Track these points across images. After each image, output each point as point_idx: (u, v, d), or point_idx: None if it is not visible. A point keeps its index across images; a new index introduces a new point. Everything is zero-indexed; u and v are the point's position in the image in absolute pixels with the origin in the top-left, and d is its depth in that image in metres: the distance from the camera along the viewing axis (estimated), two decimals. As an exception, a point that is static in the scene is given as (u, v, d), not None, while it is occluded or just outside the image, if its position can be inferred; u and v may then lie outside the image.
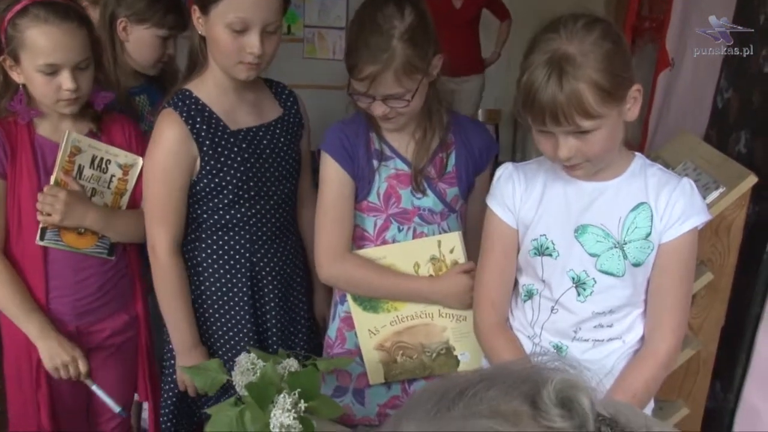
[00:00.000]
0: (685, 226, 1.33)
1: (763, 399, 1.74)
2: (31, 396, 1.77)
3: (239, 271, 1.75)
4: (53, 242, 1.71)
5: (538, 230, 1.41)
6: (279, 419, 1.30)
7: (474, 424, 0.60)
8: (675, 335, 1.38)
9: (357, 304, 1.68)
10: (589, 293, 1.38)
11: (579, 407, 0.61)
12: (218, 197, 1.69)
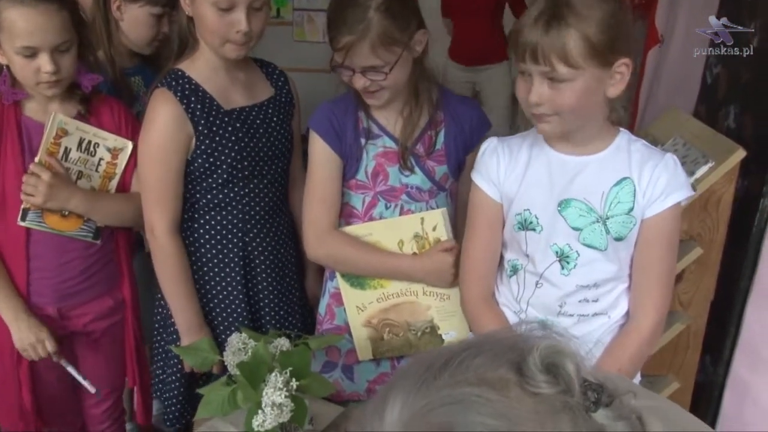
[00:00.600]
0: (668, 201, 1.33)
1: (751, 371, 1.76)
2: (12, 372, 1.77)
3: (231, 250, 1.75)
4: (35, 224, 1.69)
5: (521, 204, 1.41)
6: (271, 398, 1.31)
7: (461, 392, 0.60)
8: (658, 310, 1.39)
9: (345, 281, 1.69)
10: (573, 266, 1.39)
11: (564, 373, 0.61)
12: (212, 177, 1.69)
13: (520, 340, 0.64)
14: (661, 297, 1.38)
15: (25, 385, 1.78)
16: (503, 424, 0.58)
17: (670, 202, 1.34)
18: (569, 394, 0.61)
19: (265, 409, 1.30)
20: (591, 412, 0.61)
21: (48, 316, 1.76)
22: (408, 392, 0.62)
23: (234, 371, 1.41)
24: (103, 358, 1.91)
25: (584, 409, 0.61)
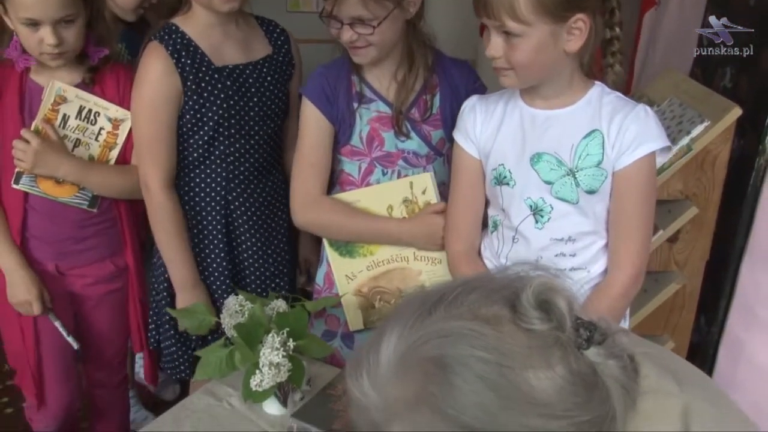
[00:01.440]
0: (638, 152, 1.32)
1: (745, 329, 1.77)
2: (16, 322, 1.80)
3: (214, 208, 1.74)
4: (28, 187, 1.71)
5: (496, 159, 1.43)
6: (268, 358, 1.32)
7: (453, 325, 0.61)
8: (633, 264, 1.38)
9: (333, 249, 1.68)
10: (547, 220, 1.40)
11: (556, 309, 0.62)
12: (199, 133, 1.69)
13: (515, 278, 0.65)
14: (636, 250, 1.37)
15: (28, 335, 1.80)
16: (495, 357, 0.59)
17: (641, 153, 1.32)
18: (561, 331, 0.62)
19: (262, 369, 1.31)
20: (583, 350, 0.62)
21: (47, 272, 1.78)
22: (403, 327, 0.63)
23: (231, 333, 1.42)
24: (103, 323, 1.93)
25: (576, 346, 0.62)
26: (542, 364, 0.60)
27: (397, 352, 0.62)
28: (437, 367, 0.60)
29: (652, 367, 0.72)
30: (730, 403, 0.78)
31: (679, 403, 0.70)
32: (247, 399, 1.38)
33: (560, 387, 0.60)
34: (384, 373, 0.63)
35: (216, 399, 1.48)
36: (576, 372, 0.61)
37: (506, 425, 0.58)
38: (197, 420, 1.41)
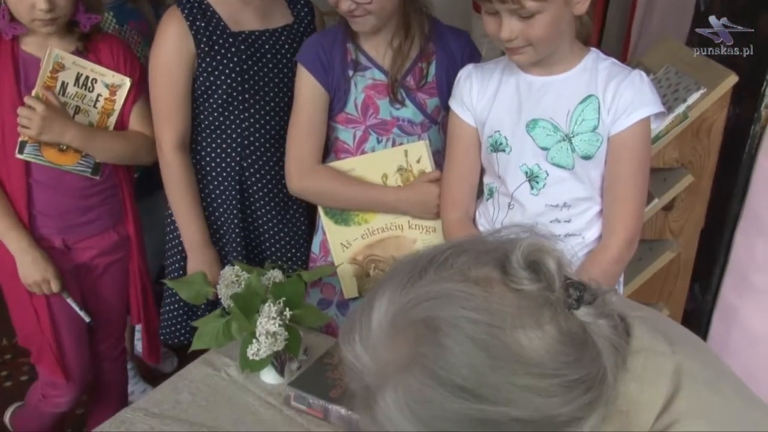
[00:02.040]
0: (633, 117, 1.33)
1: (738, 296, 1.78)
2: (27, 303, 1.80)
3: (229, 174, 1.76)
4: (33, 156, 1.70)
5: (492, 127, 1.43)
6: (264, 327, 1.32)
7: (444, 287, 0.61)
8: (626, 229, 1.38)
9: (329, 218, 1.69)
10: (542, 186, 1.41)
11: (545, 269, 0.62)
12: (212, 98, 1.70)
13: (505, 240, 0.65)
14: (629, 215, 1.38)
15: (43, 315, 1.81)
16: (485, 318, 0.59)
17: (636, 118, 1.33)
18: (551, 291, 0.62)
19: (259, 338, 1.32)
20: (573, 310, 0.63)
21: (54, 248, 1.79)
22: (394, 290, 0.64)
23: (227, 303, 1.42)
24: (107, 294, 1.94)
25: (566, 306, 0.63)
26: (532, 323, 0.60)
27: (389, 316, 0.63)
28: (428, 328, 0.60)
29: (644, 328, 0.73)
30: (722, 365, 0.79)
31: (670, 363, 0.70)
32: (245, 369, 1.39)
33: (550, 346, 0.60)
34: (376, 336, 0.63)
35: (214, 369, 1.49)
36: (566, 331, 0.62)
37: (497, 385, 0.59)
38: (195, 389, 1.43)
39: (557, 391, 0.60)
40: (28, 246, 1.73)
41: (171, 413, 1.35)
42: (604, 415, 0.65)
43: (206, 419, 1.34)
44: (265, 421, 1.34)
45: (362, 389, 0.65)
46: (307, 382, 1.38)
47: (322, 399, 1.34)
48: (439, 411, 0.60)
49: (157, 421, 1.33)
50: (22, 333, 1.90)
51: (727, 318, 1.82)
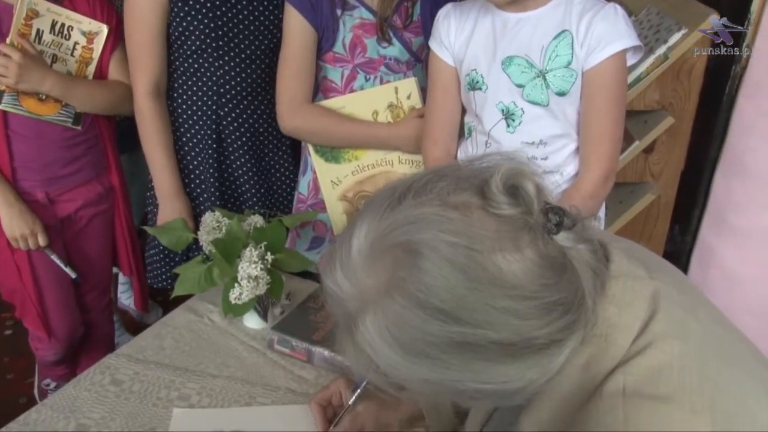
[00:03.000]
0: (607, 51, 1.31)
1: (716, 236, 1.80)
2: (9, 258, 1.79)
3: (205, 122, 1.74)
4: (11, 106, 1.67)
5: (469, 65, 1.43)
6: (246, 271, 1.32)
7: (421, 212, 0.61)
8: (600, 164, 1.38)
9: (319, 156, 1.70)
10: (518, 124, 1.41)
11: (525, 193, 0.62)
12: (186, 44, 1.67)
13: (485, 167, 0.65)
14: (604, 150, 1.37)
15: (25, 271, 1.80)
16: (463, 241, 0.59)
17: (610, 52, 1.31)
18: (530, 215, 0.62)
19: (241, 282, 1.32)
20: (552, 234, 0.63)
21: (37, 202, 1.77)
22: (373, 217, 0.63)
23: (208, 249, 1.42)
24: (91, 246, 1.93)
25: (546, 230, 0.62)
26: (511, 247, 0.60)
27: (368, 241, 0.63)
28: (406, 252, 0.60)
29: (623, 255, 0.73)
30: (698, 292, 0.79)
31: (648, 288, 0.70)
32: (227, 314, 1.39)
33: (529, 269, 0.60)
34: (356, 262, 0.63)
35: (196, 315, 1.49)
36: (545, 255, 0.62)
37: (475, 307, 0.59)
38: (178, 336, 1.43)
39: (536, 313, 0.61)
40: (14, 199, 1.71)
41: (155, 359, 1.36)
42: (583, 338, 0.66)
43: (190, 364, 1.35)
44: (249, 365, 1.35)
45: (343, 316, 0.65)
46: (290, 326, 1.39)
47: (306, 342, 1.34)
48: (419, 334, 0.60)
49: (141, 366, 1.33)
50: (5, 288, 1.89)
51: (704, 258, 1.84)
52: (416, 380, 0.64)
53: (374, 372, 0.65)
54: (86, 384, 1.28)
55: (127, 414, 1.22)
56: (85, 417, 1.20)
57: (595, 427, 0.64)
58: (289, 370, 1.34)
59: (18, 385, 2.34)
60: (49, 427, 1.18)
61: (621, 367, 0.66)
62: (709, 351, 0.69)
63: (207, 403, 1.25)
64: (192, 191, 1.80)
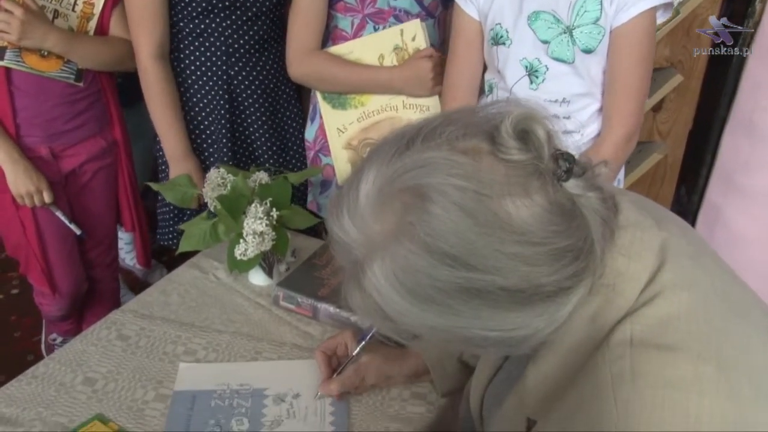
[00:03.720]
0: (637, 7, 1.29)
1: (723, 195, 1.79)
2: (13, 215, 1.79)
3: (216, 83, 1.73)
4: (14, 63, 1.66)
5: (494, 19, 1.41)
6: (252, 227, 1.32)
7: (430, 156, 0.60)
8: (624, 124, 1.37)
9: (326, 102, 1.71)
10: (541, 81, 1.39)
11: (535, 138, 0.61)
12: (191, 5, 1.65)
13: (496, 112, 0.63)
14: (629, 111, 1.36)
15: (29, 227, 1.81)
16: (472, 185, 0.58)
17: (640, 9, 1.29)
18: (540, 161, 0.61)
19: (246, 237, 1.32)
20: (562, 181, 0.62)
21: (41, 158, 1.77)
22: (381, 162, 0.62)
23: (213, 206, 1.41)
24: (95, 201, 1.94)
25: (556, 177, 0.62)
26: (520, 192, 0.59)
27: (375, 186, 0.62)
28: (415, 196, 0.59)
29: (632, 206, 0.72)
30: (706, 244, 0.79)
31: (657, 239, 0.70)
32: (233, 270, 1.39)
33: (538, 215, 0.60)
34: (363, 208, 0.62)
35: (202, 272, 1.49)
36: (554, 201, 0.61)
37: (484, 252, 0.58)
38: (184, 292, 1.43)
39: (545, 260, 0.60)
40: (19, 156, 1.71)
41: (160, 314, 1.36)
42: (591, 288, 0.65)
43: (196, 320, 1.35)
44: (254, 321, 1.36)
45: (350, 263, 0.65)
46: (296, 282, 1.39)
47: (311, 298, 1.35)
48: (427, 279, 0.60)
49: (147, 321, 1.33)
50: (9, 243, 1.90)
51: (711, 218, 1.83)
52: (423, 327, 0.64)
53: (381, 319, 0.65)
54: (93, 339, 1.29)
55: (133, 368, 1.22)
56: (92, 371, 1.21)
57: (602, 376, 0.64)
58: (294, 326, 1.34)
59: (25, 343, 2.37)
60: (57, 380, 1.18)
61: (628, 317, 0.66)
62: (717, 301, 0.69)
63: (213, 358, 1.26)
64: (203, 151, 1.79)
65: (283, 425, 1.11)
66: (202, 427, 1.10)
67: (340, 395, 1.15)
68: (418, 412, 1.15)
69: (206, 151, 1.80)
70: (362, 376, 1.15)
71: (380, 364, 1.15)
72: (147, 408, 1.14)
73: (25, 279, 2.48)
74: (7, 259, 2.69)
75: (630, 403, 0.61)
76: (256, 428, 1.10)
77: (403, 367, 1.16)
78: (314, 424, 1.11)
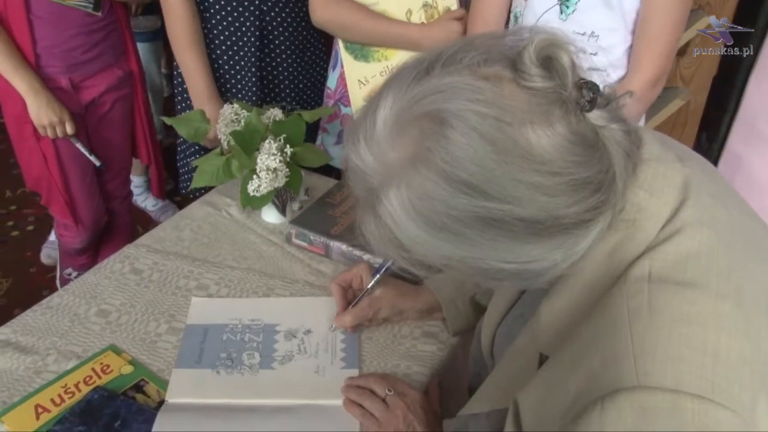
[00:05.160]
0: None
1: (745, 143, 1.75)
2: (35, 146, 1.80)
3: (248, 18, 1.69)
4: None
5: None
6: (265, 163, 1.31)
7: (450, 80, 0.58)
8: (654, 66, 1.33)
9: (348, 53, 1.65)
10: (572, 11, 1.35)
11: (559, 65, 0.59)
12: None
13: (519, 39, 0.61)
14: (660, 52, 1.32)
15: (51, 159, 1.82)
16: (493, 111, 0.57)
17: None
18: (563, 89, 0.59)
19: (260, 173, 1.31)
20: (585, 111, 0.60)
21: (61, 89, 1.77)
22: (399, 87, 0.61)
23: (227, 142, 1.40)
24: (113, 132, 1.95)
25: (579, 107, 0.60)
26: (542, 121, 0.58)
27: (393, 113, 0.60)
28: (433, 122, 0.58)
29: (655, 141, 0.71)
30: (727, 183, 0.77)
31: (679, 175, 0.68)
32: (246, 206, 1.39)
33: (559, 145, 0.58)
34: (380, 134, 0.61)
35: (215, 209, 1.49)
36: (576, 131, 0.59)
37: (502, 181, 0.57)
38: (197, 228, 1.43)
39: (564, 190, 0.58)
40: (41, 86, 1.71)
41: (174, 249, 1.36)
42: (610, 222, 0.64)
43: (209, 255, 1.35)
44: (267, 258, 1.36)
45: (366, 191, 0.63)
46: (309, 220, 1.38)
47: (324, 236, 1.34)
48: (443, 208, 0.59)
49: (160, 256, 1.34)
50: (30, 176, 1.90)
51: (731, 165, 1.80)
52: (438, 257, 0.63)
53: (396, 249, 0.64)
54: (106, 272, 1.29)
55: (146, 301, 1.23)
56: (106, 303, 1.22)
57: (618, 310, 0.63)
58: (306, 263, 1.34)
59: (40, 279, 2.40)
60: (71, 311, 1.19)
61: (647, 253, 0.65)
62: (738, 240, 0.67)
63: (225, 293, 1.26)
64: (227, 91, 1.77)
65: (294, 360, 1.12)
66: (213, 360, 1.11)
67: (354, 327, 1.16)
68: (429, 351, 1.16)
69: (230, 90, 1.77)
70: (376, 309, 1.15)
71: (394, 298, 1.15)
72: (159, 340, 1.15)
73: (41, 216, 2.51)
74: (23, 194, 2.72)
75: (646, 337, 0.60)
76: (267, 363, 1.11)
77: (416, 303, 1.16)
78: (325, 360, 1.12)
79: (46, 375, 1.08)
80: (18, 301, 2.21)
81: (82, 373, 1.08)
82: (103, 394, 1.04)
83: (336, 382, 1.07)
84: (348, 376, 1.08)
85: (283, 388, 1.07)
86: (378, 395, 1.03)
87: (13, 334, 1.15)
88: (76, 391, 1.05)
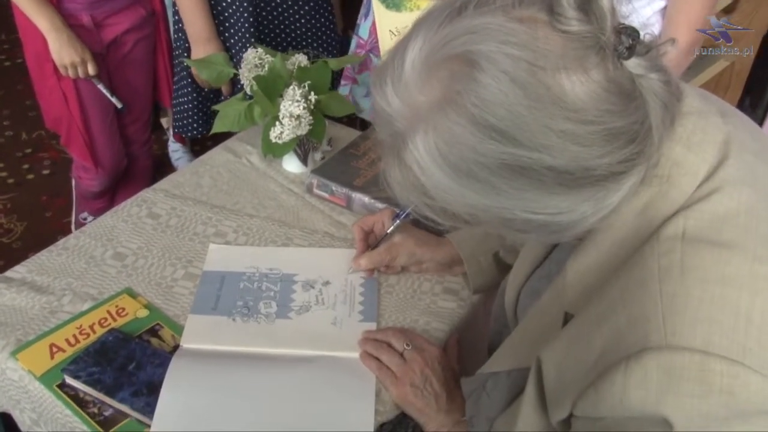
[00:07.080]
0: None
1: (793, 108, 1.67)
2: (55, 85, 1.77)
3: None
4: None
5: None
6: (288, 109, 1.27)
7: (483, 21, 0.54)
8: (690, 29, 1.27)
9: (380, 1, 1.59)
10: None
11: (597, 9, 0.55)
12: None
13: None
14: (696, 14, 1.27)
15: (71, 97, 1.79)
16: (526, 55, 0.53)
17: None
18: (601, 33, 0.54)
19: (282, 120, 1.27)
20: (623, 59, 0.56)
21: (83, 26, 1.74)
22: (429, 28, 0.57)
23: (250, 88, 1.36)
24: (135, 74, 1.92)
25: (617, 54, 0.55)
26: (577, 67, 0.54)
27: (423, 54, 0.56)
28: (463, 63, 0.54)
29: (696, 94, 0.66)
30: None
31: (720, 132, 0.64)
32: (267, 153, 1.35)
33: (594, 92, 0.54)
34: (408, 76, 0.57)
35: (235, 156, 1.46)
36: (612, 79, 0.55)
37: (533, 128, 0.53)
38: (216, 174, 1.40)
39: (597, 140, 0.55)
40: (62, 24, 1.68)
41: (192, 195, 1.34)
42: (644, 177, 0.60)
43: (227, 202, 1.33)
44: (287, 207, 1.33)
45: (391, 135, 0.60)
46: (331, 171, 1.34)
47: (346, 187, 1.30)
48: (470, 153, 0.55)
49: (178, 201, 1.31)
50: (50, 116, 1.89)
51: (775, 131, 1.72)
52: (463, 205, 0.59)
53: (420, 195, 0.60)
54: (123, 215, 1.27)
55: (163, 246, 1.21)
56: (122, 246, 1.20)
57: (648, 269, 0.60)
58: (327, 214, 1.31)
59: (56, 223, 2.39)
60: (87, 253, 1.18)
61: (682, 211, 0.61)
62: None
63: (243, 241, 1.24)
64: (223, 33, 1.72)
65: (311, 311, 1.10)
66: (229, 308, 1.09)
67: (370, 272, 1.14)
68: (449, 308, 1.12)
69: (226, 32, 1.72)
70: (393, 255, 1.13)
71: (413, 246, 1.12)
72: (176, 285, 1.14)
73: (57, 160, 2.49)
74: (39, 137, 2.70)
75: (677, 297, 0.57)
76: (284, 312, 1.09)
77: (436, 254, 1.12)
78: (343, 313, 1.09)
79: (61, 315, 1.07)
80: (32, 245, 2.21)
81: (97, 314, 1.07)
82: (119, 336, 1.03)
83: (353, 334, 1.05)
84: (365, 329, 1.06)
85: (299, 338, 1.05)
86: (396, 349, 1.01)
87: (29, 273, 1.13)
88: (91, 332, 1.04)
